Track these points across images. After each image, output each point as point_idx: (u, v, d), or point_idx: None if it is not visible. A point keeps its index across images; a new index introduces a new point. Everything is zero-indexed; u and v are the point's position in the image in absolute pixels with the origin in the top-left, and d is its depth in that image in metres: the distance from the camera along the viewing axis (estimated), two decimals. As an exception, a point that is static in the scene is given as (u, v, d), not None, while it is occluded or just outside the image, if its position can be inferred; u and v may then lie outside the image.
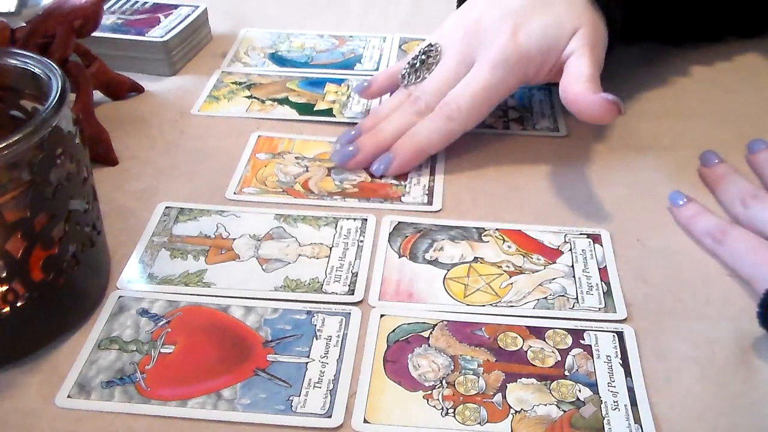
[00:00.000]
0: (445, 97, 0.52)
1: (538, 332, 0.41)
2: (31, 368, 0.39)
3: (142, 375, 0.38)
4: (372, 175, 0.52)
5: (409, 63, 0.55)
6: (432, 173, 0.53)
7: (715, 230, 0.45)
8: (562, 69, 0.51)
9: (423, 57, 0.54)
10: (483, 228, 0.48)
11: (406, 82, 0.55)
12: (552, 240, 0.47)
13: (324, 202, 0.50)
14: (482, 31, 0.52)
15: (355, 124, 0.57)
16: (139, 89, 0.62)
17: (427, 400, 0.37)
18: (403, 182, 0.52)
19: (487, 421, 0.36)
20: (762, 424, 0.36)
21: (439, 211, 0.49)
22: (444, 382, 0.38)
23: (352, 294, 0.43)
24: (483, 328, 0.41)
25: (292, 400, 0.37)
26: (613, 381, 0.38)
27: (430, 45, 0.55)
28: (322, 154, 0.54)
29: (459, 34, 0.53)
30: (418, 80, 0.54)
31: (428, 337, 0.40)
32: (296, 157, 0.54)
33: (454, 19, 0.56)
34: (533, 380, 0.38)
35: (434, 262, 0.45)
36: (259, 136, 0.56)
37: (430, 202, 0.50)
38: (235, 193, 0.51)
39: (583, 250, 0.46)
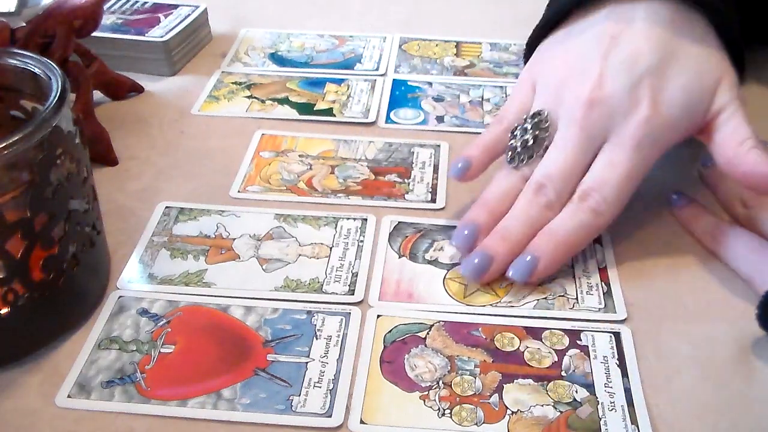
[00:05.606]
0: (583, 186, 0.44)
1: (535, 333, 0.41)
2: (31, 368, 0.39)
3: (142, 375, 0.38)
4: (374, 173, 0.52)
5: (517, 138, 0.46)
6: (435, 171, 0.53)
7: (715, 230, 0.45)
8: (707, 126, 0.45)
9: (534, 132, 0.45)
10: (482, 228, 0.47)
11: (516, 164, 0.46)
12: (551, 240, 0.47)
13: (328, 200, 0.50)
14: (612, 101, 0.44)
15: (358, 123, 0.57)
16: (139, 89, 0.62)
17: (424, 401, 0.37)
18: (406, 180, 0.52)
19: (483, 422, 0.36)
20: (762, 424, 0.36)
21: (442, 208, 0.49)
22: (441, 382, 0.38)
23: (352, 294, 0.43)
24: (480, 329, 0.41)
25: (292, 400, 0.37)
26: (610, 382, 0.38)
27: (538, 114, 0.46)
28: (326, 152, 0.54)
29: (578, 105, 0.44)
30: (531, 159, 0.45)
31: (425, 338, 0.40)
32: (300, 155, 0.54)
33: (560, 77, 0.47)
34: (530, 381, 0.38)
35: (434, 262, 0.45)
36: (262, 134, 0.56)
37: (433, 200, 0.50)
38: (239, 192, 0.51)
39: (582, 250, 0.46)
